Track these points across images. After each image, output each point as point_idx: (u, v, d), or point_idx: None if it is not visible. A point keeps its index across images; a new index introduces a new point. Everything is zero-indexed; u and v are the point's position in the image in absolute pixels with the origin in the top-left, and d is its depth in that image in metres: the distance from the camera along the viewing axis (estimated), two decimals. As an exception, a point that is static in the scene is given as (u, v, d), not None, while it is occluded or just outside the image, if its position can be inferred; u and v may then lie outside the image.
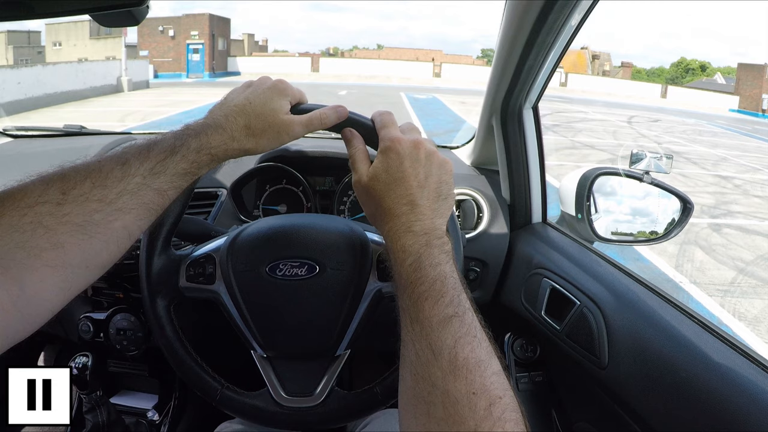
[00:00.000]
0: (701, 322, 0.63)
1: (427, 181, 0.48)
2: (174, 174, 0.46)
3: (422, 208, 0.46)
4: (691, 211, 0.94)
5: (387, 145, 0.49)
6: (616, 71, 36.54)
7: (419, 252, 0.44)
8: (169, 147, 0.47)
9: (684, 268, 3.70)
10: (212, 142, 0.49)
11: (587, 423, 0.84)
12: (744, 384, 0.53)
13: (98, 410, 0.97)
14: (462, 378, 0.36)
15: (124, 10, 0.54)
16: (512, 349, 1.04)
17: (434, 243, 0.45)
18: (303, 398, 0.59)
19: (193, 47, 24.28)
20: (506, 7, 0.75)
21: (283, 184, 1.06)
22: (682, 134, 12.12)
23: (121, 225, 0.43)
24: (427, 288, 0.41)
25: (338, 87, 18.03)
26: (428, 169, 0.48)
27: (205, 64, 24.29)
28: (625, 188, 1.00)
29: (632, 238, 1.01)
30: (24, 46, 23.02)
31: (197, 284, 0.59)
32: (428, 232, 0.45)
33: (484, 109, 1.00)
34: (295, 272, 0.57)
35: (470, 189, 1.03)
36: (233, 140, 0.50)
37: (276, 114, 0.52)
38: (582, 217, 0.96)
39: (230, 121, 0.51)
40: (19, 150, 1.27)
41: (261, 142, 0.52)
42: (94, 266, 0.42)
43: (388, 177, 0.47)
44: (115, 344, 1.01)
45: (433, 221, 0.46)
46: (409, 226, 0.45)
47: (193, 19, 24.60)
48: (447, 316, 0.40)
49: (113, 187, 0.43)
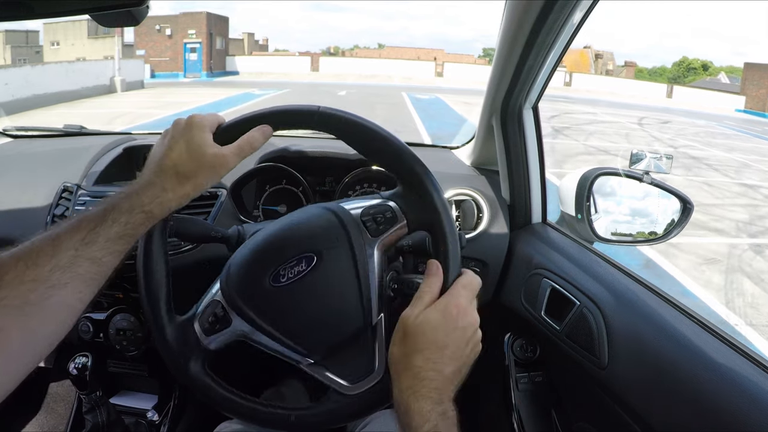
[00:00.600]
0: (701, 322, 0.63)
1: (461, 356, 0.49)
2: (107, 240, 0.47)
3: (445, 378, 0.48)
4: (691, 211, 0.94)
5: (453, 308, 0.50)
6: (620, 70, 36.32)
7: (436, 422, 0.45)
8: (99, 214, 0.48)
9: (735, 305, 3.33)
10: (144, 200, 0.50)
11: (587, 423, 0.84)
12: (744, 384, 0.53)
13: (98, 410, 0.97)
14: None
15: (124, 10, 0.54)
16: (512, 349, 1.04)
17: (449, 414, 0.46)
18: (368, 378, 0.58)
19: (190, 46, 24.02)
20: (506, 7, 0.75)
21: (283, 184, 1.06)
22: (695, 137, 11.67)
23: (58, 301, 0.44)
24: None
25: (338, 87, 17.70)
26: (466, 348, 0.50)
27: (203, 63, 24.05)
28: (625, 188, 1.00)
29: (632, 239, 1.01)
30: (22, 46, 22.98)
31: (218, 333, 0.59)
32: (444, 401, 0.47)
33: (484, 109, 1.00)
34: (297, 270, 0.57)
35: (470, 189, 1.03)
36: (166, 191, 0.51)
37: (202, 151, 0.52)
38: (582, 218, 0.96)
39: (159, 175, 0.51)
40: (19, 150, 1.27)
41: (198, 182, 0.52)
42: (39, 345, 0.43)
43: (434, 336, 0.48)
44: (115, 344, 1.01)
45: (450, 390, 0.48)
46: (430, 392, 0.47)
47: (190, 17, 24.32)
48: None
49: (45, 264, 0.43)
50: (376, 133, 0.57)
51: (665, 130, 12.49)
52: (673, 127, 13.13)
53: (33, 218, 1.01)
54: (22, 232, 1.02)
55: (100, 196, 1.00)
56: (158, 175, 0.51)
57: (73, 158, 1.09)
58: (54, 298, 0.43)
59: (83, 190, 1.01)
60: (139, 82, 16.57)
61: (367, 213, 0.58)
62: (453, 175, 1.08)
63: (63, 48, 21.42)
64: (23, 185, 1.08)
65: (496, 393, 1.06)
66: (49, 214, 1.01)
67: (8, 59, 21.40)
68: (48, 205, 1.01)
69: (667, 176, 0.94)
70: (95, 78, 14.08)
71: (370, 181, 1.07)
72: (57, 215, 1.00)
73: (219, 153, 0.53)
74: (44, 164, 1.13)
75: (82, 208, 0.98)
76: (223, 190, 1.00)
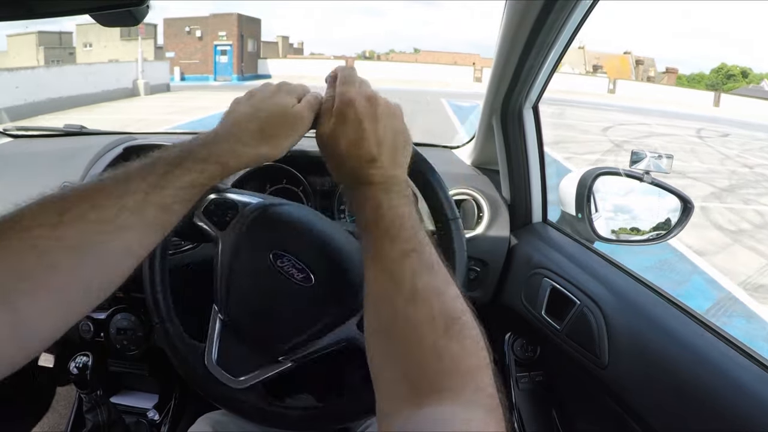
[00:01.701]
0: (702, 321, 0.63)
1: (385, 137, 0.48)
2: (179, 187, 0.45)
3: (382, 162, 0.47)
4: (692, 210, 0.94)
5: (345, 105, 0.49)
6: (661, 77, 35.27)
7: (378, 197, 0.46)
8: (174, 159, 0.45)
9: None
10: (221, 150, 0.48)
11: (587, 423, 0.84)
12: (744, 384, 0.53)
13: (98, 410, 0.97)
14: (421, 304, 0.40)
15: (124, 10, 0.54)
16: (512, 349, 1.04)
17: (393, 189, 0.46)
18: (227, 376, 0.60)
19: (220, 49, 23.43)
20: (506, 7, 0.75)
21: (284, 183, 1.06)
22: (762, 152, 10.50)
23: (121, 245, 0.41)
24: (385, 227, 0.44)
25: None
26: (384, 124, 0.49)
27: (234, 66, 23.41)
28: (625, 188, 1.00)
29: (633, 238, 1.01)
30: (55, 47, 23.04)
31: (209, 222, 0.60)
32: (387, 180, 0.47)
33: (484, 109, 1.00)
34: (292, 273, 0.57)
35: (470, 189, 1.03)
36: (245, 146, 0.49)
37: (285, 111, 0.51)
38: (582, 217, 0.96)
39: (241, 128, 0.49)
40: (19, 150, 1.27)
41: (278, 143, 0.51)
42: (93, 289, 0.41)
43: (349, 137, 0.48)
44: (116, 344, 1.01)
45: (393, 171, 0.48)
46: (369, 178, 0.47)
47: (220, 19, 23.67)
48: (406, 251, 0.42)
49: (112, 206, 0.41)
50: None
51: (728, 144, 11.38)
52: (734, 141, 11.96)
53: None
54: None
55: None
56: (239, 128, 0.50)
57: (73, 158, 1.09)
58: (117, 242, 0.41)
59: None
60: (164, 85, 15.96)
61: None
62: (453, 175, 1.08)
63: (95, 49, 21.40)
64: (23, 185, 1.08)
65: (496, 393, 1.06)
66: None
67: (41, 60, 21.36)
68: None
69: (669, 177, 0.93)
70: (116, 81, 13.52)
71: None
72: None
73: (298, 110, 0.52)
74: (44, 164, 1.13)
75: None
76: None
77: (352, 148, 0.48)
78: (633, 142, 9.79)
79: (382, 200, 0.45)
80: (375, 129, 0.48)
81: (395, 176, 0.47)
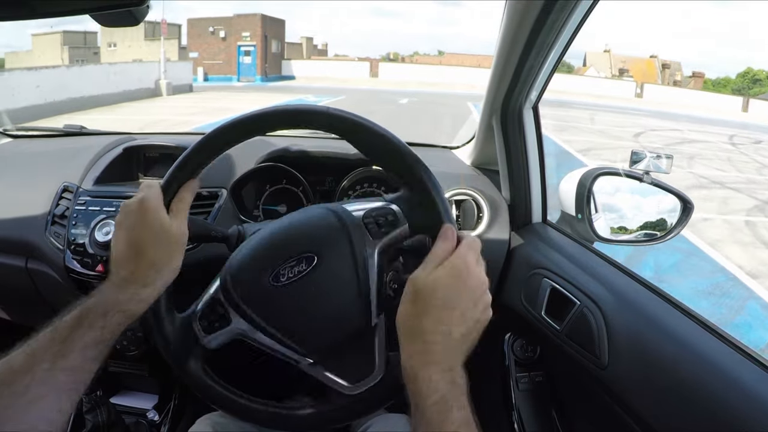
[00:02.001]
0: (701, 322, 0.63)
1: (469, 319, 0.48)
2: (83, 348, 0.45)
3: (454, 342, 0.46)
4: (691, 210, 0.94)
5: (462, 268, 0.48)
6: (687, 81, 34.50)
7: (445, 391, 0.44)
8: (74, 321, 0.46)
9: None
10: (120, 298, 0.48)
11: (587, 423, 0.84)
12: (744, 384, 0.53)
13: (98, 410, 0.97)
14: None
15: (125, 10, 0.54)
16: (512, 349, 1.04)
17: (458, 382, 0.45)
18: (367, 378, 0.58)
19: (244, 49, 23.26)
20: (506, 7, 0.75)
21: (283, 184, 1.06)
22: None
23: (37, 416, 0.43)
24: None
25: (399, 95, 16.21)
26: (475, 309, 0.48)
27: (257, 67, 23.24)
28: (625, 188, 1.00)
29: (633, 238, 1.01)
30: (80, 47, 23.18)
31: (217, 332, 0.59)
32: (453, 368, 0.45)
33: (485, 109, 1.00)
34: (297, 270, 0.57)
35: (470, 189, 1.03)
36: (145, 287, 0.49)
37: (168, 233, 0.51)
38: (582, 217, 0.96)
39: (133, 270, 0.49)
40: (19, 150, 1.27)
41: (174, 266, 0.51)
42: None
43: (443, 296, 0.47)
44: (115, 344, 1.01)
45: (459, 357, 0.47)
46: (438, 356, 0.45)
47: (244, 19, 23.46)
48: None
49: (20, 380, 0.43)
50: (377, 133, 0.57)
51: (761, 151, 10.71)
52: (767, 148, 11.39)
53: (33, 218, 1.01)
54: (22, 231, 1.03)
55: (100, 196, 1.00)
56: (132, 271, 0.49)
57: (73, 158, 1.09)
58: (32, 413, 0.42)
59: (83, 190, 1.01)
60: (187, 85, 15.65)
61: (369, 215, 0.58)
62: (453, 175, 1.08)
63: (120, 49, 21.43)
64: (23, 185, 1.08)
65: (496, 393, 1.06)
66: (49, 214, 1.01)
67: (66, 60, 21.42)
68: (48, 205, 1.02)
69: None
70: (138, 81, 13.15)
71: (371, 181, 1.07)
72: (57, 215, 1.00)
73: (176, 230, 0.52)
74: (44, 164, 1.13)
75: (82, 208, 0.98)
76: (223, 190, 1.00)
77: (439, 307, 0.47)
78: (667, 149, 8.98)
79: (449, 396, 0.44)
80: (466, 307, 0.48)
81: (459, 364, 0.46)
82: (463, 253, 0.49)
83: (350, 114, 0.57)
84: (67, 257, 0.95)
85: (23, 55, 23.47)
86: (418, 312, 0.47)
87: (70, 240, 0.95)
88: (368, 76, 26.50)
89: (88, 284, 0.95)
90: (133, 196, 0.55)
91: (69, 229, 0.96)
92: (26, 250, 1.03)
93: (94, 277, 0.93)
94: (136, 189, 0.58)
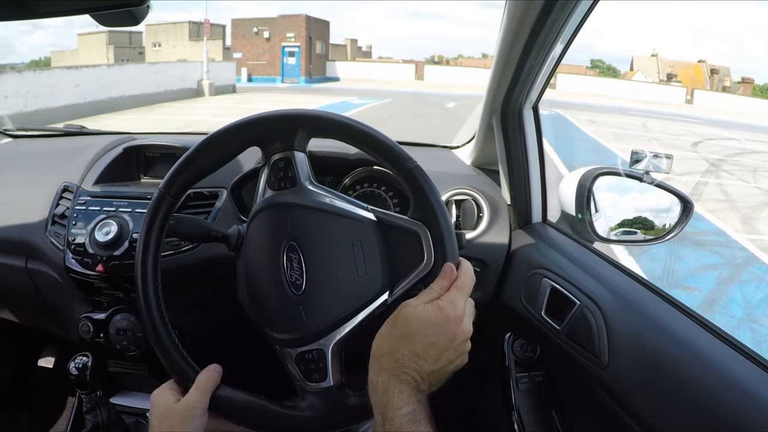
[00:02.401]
0: (701, 322, 0.63)
1: (443, 360, 0.50)
2: None
3: (424, 374, 0.49)
4: (692, 210, 0.94)
5: (451, 310, 0.50)
6: (736, 87, 33.20)
7: (415, 406, 0.46)
8: None
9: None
10: None
11: (587, 423, 0.84)
12: (744, 384, 0.53)
13: (98, 410, 0.97)
14: None
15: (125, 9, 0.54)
16: (512, 349, 1.04)
17: (425, 404, 0.48)
18: None
19: (288, 50, 23.18)
20: (506, 7, 0.75)
21: None
22: None
23: None
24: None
25: (445, 98, 15.74)
26: (451, 352, 0.50)
27: (302, 68, 23.09)
28: (625, 188, 1.00)
29: (633, 238, 1.01)
30: (125, 46, 23.15)
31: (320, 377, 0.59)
32: (421, 391, 0.48)
33: (485, 109, 1.00)
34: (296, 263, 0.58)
35: (470, 189, 1.03)
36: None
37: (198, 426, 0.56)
38: (582, 217, 0.96)
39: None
40: (19, 150, 1.27)
41: None
42: None
43: (424, 331, 0.49)
44: (115, 344, 1.01)
45: (426, 388, 0.49)
46: (408, 376, 0.48)
47: (288, 20, 23.39)
48: None
49: None
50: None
51: None
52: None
53: (33, 218, 1.01)
54: (22, 231, 1.03)
55: (100, 196, 1.00)
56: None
57: (74, 158, 1.09)
58: None
59: (83, 190, 1.01)
60: (230, 86, 15.44)
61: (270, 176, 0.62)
62: (453, 175, 1.08)
63: (164, 49, 21.49)
64: (23, 185, 1.08)
65: (496, 393, 1.06)
66: (49, 214, 1.01)
67: (111, 59, 21.31)
68: (48, 205, 1.02)
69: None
70: (180, 81, 12.92)
71: (371, 181, 1.07)
72: (57, 215, 1.00)
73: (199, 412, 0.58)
74: (44, 164, 1.13)
75: (83, 208, 0.98)
76: (223, 190, 1.00)
77: (422, 340, 0.49)
78: (728, 161, 8.44)
79: (418, 411, 0.46)
80: (446, 349, 0.49)
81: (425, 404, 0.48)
82: (453, 297, 0.51)
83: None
84: (67, 257, 0.95)
85: (69, 54, 23.47)
86: (396, 336, 0.50)
87: (70, 240, 0.95)
88: (413, 78, 26.15)
89: (88, 284, 0.95)
90: (133, 195, 0.56)
91: (69, 229, 0.96)
92: (26, 250, 1.03)
93: (95, 277, 0.93)
94: (136, 189, 0.58)
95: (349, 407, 0.58)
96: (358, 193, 1.07)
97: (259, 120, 0.61)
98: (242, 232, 0.65)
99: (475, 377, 0.52)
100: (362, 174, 1.05)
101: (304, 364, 0.59)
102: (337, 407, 0.58)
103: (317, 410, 0.59)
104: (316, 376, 0.58)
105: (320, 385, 0.58)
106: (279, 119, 0.61)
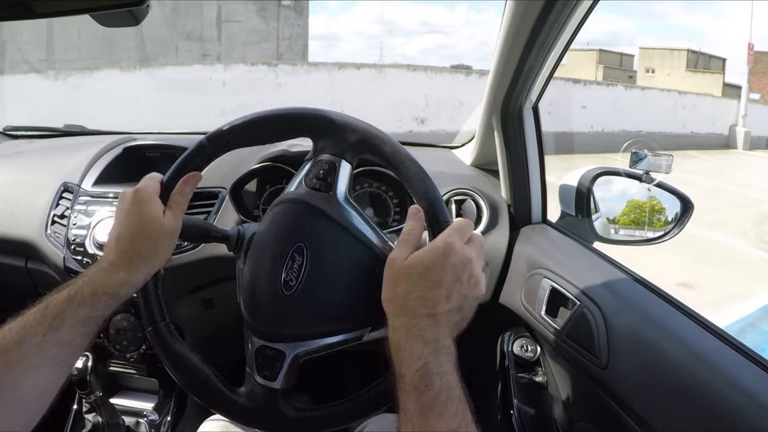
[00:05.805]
0: (702, 322, 0.63)
1: (456, 299, 0.48)
2: (74, 323, 0.48)
3: (440, 320, 0.47)
4: (692, 210, 0.94)
5: (443, 247, 0.48)
6: None
7: (427, 358, 0.44)
8: (64, 299, 0.49)
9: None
10: (109, 281, 0.50)
11: (587, 423, 0.84)
12: (744, 384, 0.53)
13: (98, 410, 0.97)
14: None
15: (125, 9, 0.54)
16: (512, 349, 1.04)
17: (442, 351, 0.45)
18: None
19: None
20: (506, 7, 0.75)
21: (283, 184, 1.06)
22: None
23: (29, 385, 0.45)
24: (432, 397, 0.42)
25: None
26: (464, 289, 0.48)
27: None
28: (625, 188, 1.00)
29: (633, 238, 1.01)
30: (615, 68, 21.92)
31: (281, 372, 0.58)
32: (438, 340, 0.46)
33: (485, 109, 1.00)
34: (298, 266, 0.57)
35: (470, 189, 1.03)
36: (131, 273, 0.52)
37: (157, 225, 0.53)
38: (582, 217, 0.96)
39: (122, 257, 0.52)
40: (19, 150, 1.27)
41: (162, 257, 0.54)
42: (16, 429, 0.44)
43: (425, 277, 0.47)
44: (115, 344, 1.01)
45: (446, 335, 0.47)
46: (422, 330, 0.46)
47: None
48: (451, 430, 0.41)
49: (13, 350, 0.45)
50: None
51: None
52: None
53: (33, 218, 1.01)
54: (22, 231, 1.03)
55: (100, 196, 1.00)
56: (121, 257, 0.52)
57: (73, 158, 1.09)
58: (27, 382, 0.44)
59: (83, 190, 1.01)
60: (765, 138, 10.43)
61: (309, 172, 0.61)
62: (453, 175, 1.08)
63: (658, 76, 19.29)
64: (23, 185, 1.08)
65: (496, 393, 1.06)
66: (49, 214, 1.01)
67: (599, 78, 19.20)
68: (48, 205, 1.02)
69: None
70: (710, 122, 9.18)
71: (371, 180, 1.07)
72: (57, 215, 1.00)
73: (168, 223, 0.54)
74: (44, 164, 1.13)
75: (82, 208, 0.98)
76: (223, 190, 1.00)
77: (421, 287, 0.47)
78: None
79: (431, 364, 0.44)
80: (452, 286, 0.47)
81: (446, 340, 0.46)
82: (446, 234, 0.50)
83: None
84: (67, 257, 0.95)
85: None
86: (400, 292, 0.48)
87: (70, 240, 0.95)
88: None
89: None
90: None
91: (69, 229, 0.96)
92: (26, 250, 1.03)
93: (94, 277, 0.93)
94: None
95: (282, 416, 0.58)
96: (359, 192, 1.07)
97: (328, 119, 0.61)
98: (242, 232, 0.65)
99: (474, 377, 0.51)
100: (361, 174, 1.05)
101: (262, 358, 0.58)
102: (271, 410, 0.58)
103: (252, 402, 0.59)
104: (267, 373, 0.58)
105: (267, 382, 0.58)
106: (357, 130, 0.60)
